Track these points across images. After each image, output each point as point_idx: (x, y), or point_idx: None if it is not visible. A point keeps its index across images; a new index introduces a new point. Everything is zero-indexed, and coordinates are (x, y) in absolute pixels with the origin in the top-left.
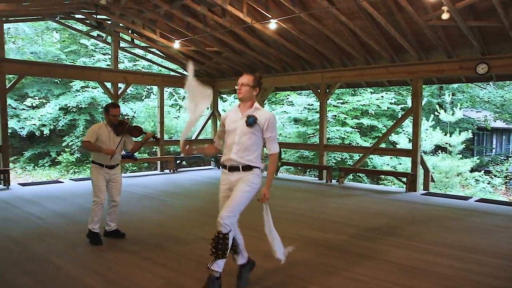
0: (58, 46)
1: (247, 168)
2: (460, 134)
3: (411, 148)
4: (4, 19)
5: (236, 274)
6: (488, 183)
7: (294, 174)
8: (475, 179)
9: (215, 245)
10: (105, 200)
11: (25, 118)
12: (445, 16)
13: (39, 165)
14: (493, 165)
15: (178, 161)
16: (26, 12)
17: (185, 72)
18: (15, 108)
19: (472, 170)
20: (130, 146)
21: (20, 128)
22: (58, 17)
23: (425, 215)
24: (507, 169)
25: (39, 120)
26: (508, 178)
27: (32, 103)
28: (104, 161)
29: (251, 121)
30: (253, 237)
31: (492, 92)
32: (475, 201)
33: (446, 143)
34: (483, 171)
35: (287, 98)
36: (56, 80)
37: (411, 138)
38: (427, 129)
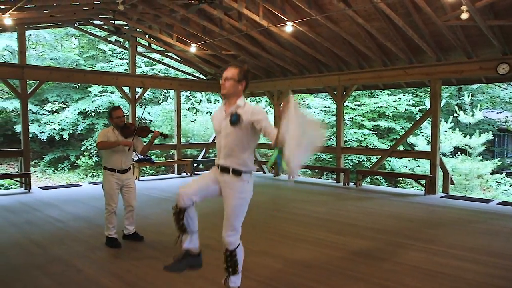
0: (77, 52)
1: (237, 172)
2: (480, 136)
3: (429, 150)
4: (26, 26)
5: (176, 257)
6: (510, 186)
7: (310, 177)
8: (496, 182)
9: (225, 262)
10: (116, 207)
11: (45, 123)
12: (464, 16)
13: (59, 169)
14: None
15: (195, 165)
16: (47, 19)
17: (201, 76)
18: (35, 113)
19: (493, 172)
20: (140, 147)
21: (40, 132)
22: (77, 23)
23: (445, 218)
24: None
25: (58, 124)
26: None
27: (52, 108)
28: (116, 166)
29: (234, 120)
30: (273, 240)
31: None
32: (497, 204)
33: (466, 145)
34: (505, 173)
35: (304, 101)
36: (75, 85)
37: (430, 140)
38: (446, 131)
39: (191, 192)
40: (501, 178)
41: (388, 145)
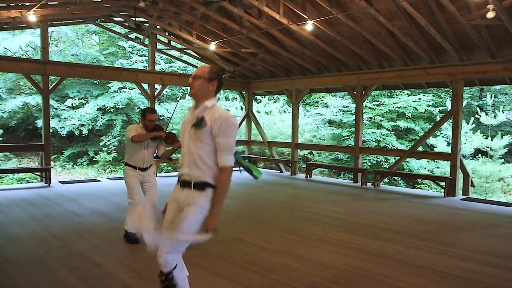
0: (97, 48)
1: (200, 186)
2: (502, 138)
3: (450, 151)
4: (49, 23)
5: None
6: None
7: (328, 177)
8: None
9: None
10: (139, 201)
11: (65, 118)
12: (490, 15)
13: (78, 164)
14: None
15: None
16: (69, 16)
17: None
18: (56, 109)
19: None
20: (161, 152)
21: (60, 127)
22: (98, 20)
23: (465, 221)
24: None
25: (78, 120)
26: None
27: (72, 104)
28: (138, 164)
29: (197, 123)
30: (290, 240)
31: None
32: None
33: (487, 147)
34: None
35: (322, 100)
36: (95, 81)
37: (450, 141)
38: (466, 132)
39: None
40: None
41: (407, 146)
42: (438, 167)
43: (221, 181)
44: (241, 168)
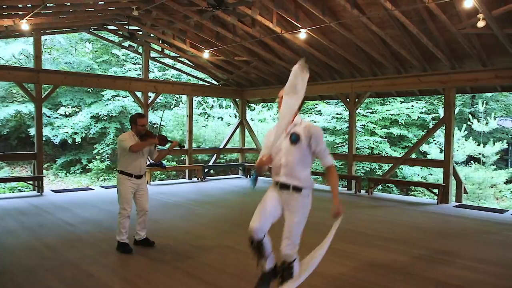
0: (91, 56)
1: (297, 189)
2: (494, 144)
3: (443, 158)
4: (42, 31)
5: (259, 277)
6: None
7: (321, 184)
8: (511, 191)
9: (281, 272)
10: (131, 211)
11: (58, 126)
12: (480, 24)
13: (71, 172)
14: None
15: (206, 170)
16: (62, 24)
17: (214, 81)
18: (49, 117)
19: (507, 182)
20: (155, 156)
21: (53, 136)
22: (92, 29)
23: (459, 228)
24: None
25: (71, 128)
26: None
27: (65, 112)
28: (135, 171)
29: (294, 139)
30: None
31: None
32: None
33: (480, 154)
34: None
35: (316, 107)
36: (88, 89)
37: (443, 148)
38: (459, 139)
39: (261, 225)
40: None
41: (400, 153)
42: (431, 174)
43: (333, 175)
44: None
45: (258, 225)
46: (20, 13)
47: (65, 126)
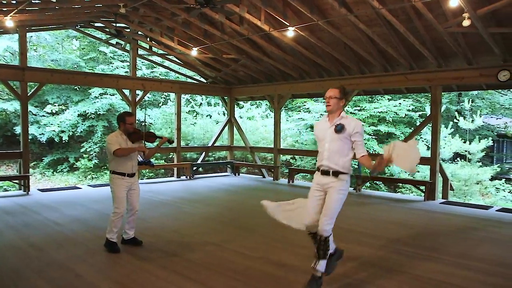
0: (78, 54)
1: (336, 173)
2: (479, 142)
3: (429, 156)
4: (27, 28)
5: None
6: (509, 192)
7: (310, 182)
8: (496, 188)
9: (318, 247)
10: (125, 210)
11: (45, 125)
12: (466, 23)
13: (58, 171)
14: None
15: (194, 168)
16: (48, 21)
17: (202, 79)
18: (35, 115)
19: (492, 178)
20: (145, 153)
21: (40, 134)
22: (79, 26)
23: (445, 225)
24: None
25: (58, 126)
26: None
27: (52, 110)
28: (127, 170)
29: (339, 128)
30: (274, 247)
31: None
32: (496, 210)
33: (466, 151)
34: (504, 179)
35: (304, 105)
36: (75, 87)
37: (430, 145)
38: (445, 137)
39: (311, 221)
40: (500, 184)
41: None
42: (418, 171)
43: (368, 160)
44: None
45: (306, 222)
46: (4, 9)
47: (51, 124)
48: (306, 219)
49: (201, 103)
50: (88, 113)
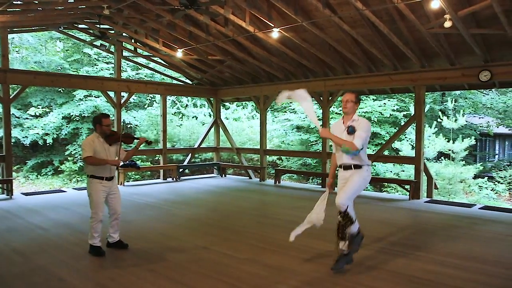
0: (62, 55)
1: (357, 166)
2: (463, 141)
3: (414, 155)
4: (8, 29)
5: (349, 240)
6: (491, 190)
7: (296, 182)
8: (479, 186)
9: (337, 229)
10: (103, 215)
11: (28, 127)
12: (447, 24)
13: (42, 174)
14: (497, 171)
15: (180, 170)
16: (30, 23)
17: (188, 80)
18: (18, 117)
19: (475, 177)
20: (123, 156)
21: (23, 137)
22: (62, 27)
23: (429, 223)
24: (510, 175)
25: (42, 129)
26: (511, 184)
27: (35, 112)
28: (105, 174)
29: (350, 130)
30: (258, 247)
31: (494, 98)
32: (479, 208)
33: (449, 150)
34: (487, 177)
35: (290, 106)
36: (59, 89)
37: (414, 145)
38: (430, 136)
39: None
40: (483, 183)
41: (373, 150)
42: (403, 171)
43: (346, 141)
44: None
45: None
46: None
47: (35, 127)
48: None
49: (187, 105)
50: (72, 115)
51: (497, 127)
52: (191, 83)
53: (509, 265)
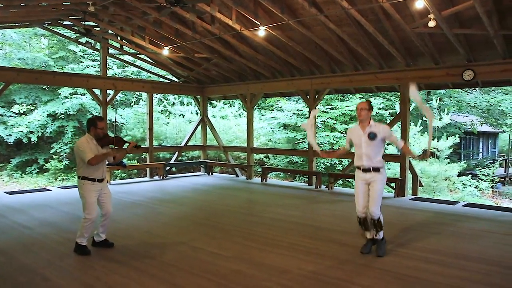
0: (47, 52)
1: (376, 169)
2: (447, 139)
3: (399, 153)
4: None
5: (365, 243)
6: (475, 187)
7: (283, 180)
8: (463, 183)
9: (375, 225)
10: (97, 216)
11: (12, 125)
12: (431, 23)
13: (27, 173)
14: (480, 169)
15: (167, 168)
16: (13, 19)
17: (174, 78)
18: (1, 115)
19: (459, 175)
20: (112, 157)
21: (7, 135)
22: (46, 24)
23: (413, 220)
24: (493, 173)
25: (26, 127)
26: (494, 181)
27: (19, 110)
28: (97, 175)
29: (372, 136)
30: (245, 245)
31: (478, 97)
32: (463, 205)
33: (434, 148)
34: (470, 175)
35: (277, 104)
36: (44, 87)
37: None
38: (415, 134)
39: (362, 209)
40: (467, 180)
41: None
42: (389, 168)
43: (407, 147)
44: None
45: (360, 209)
46: None
47: (19, 125)
48: (359, 206)
49: (173, 103)
50: (57, 113)
51: (481, 126)
52: (178, 81)
53: (491, 261)
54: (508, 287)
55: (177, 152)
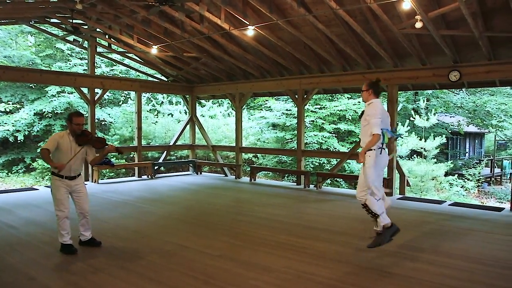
0: (33, 50)
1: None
2: (434, 139)
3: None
4: None
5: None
6: (461, 187)
7: (272, 179)
8: (449, 183)
9: (368, 212)
10: (68, 212)
11: None
12: (418, 24)
13: (13, 172)
14: (466, 169)
15: (156, 167)
16: None
17: (163, 77)
18: None
19: (446, 174)
20: (91, 158)
21: None
22: (33, 21)
23: (401, 219)
24: (479, 173)
25: (13, 125)
26: (480, 181)
27: (5, 108)
28: (65, 173)
29: (359, 115)
30: (233, 244)
31: (464, 98)
32: (449, 205)
33: (421, 148)
34: (457, 174)
35: (265, 104)
36: (31, 85)
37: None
38: (402, 134)
39: (358, 192)
40: (454, 180)
41: (348, 148)
42: None
43: (370, 141)
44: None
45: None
46: None
47: (5, 123)
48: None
49: (162, 102)
50: (45, 112)
51: (467, 126)
52: (166, 80)
53: (475, 259)
54: (491, 284)
55: (165, 152)
